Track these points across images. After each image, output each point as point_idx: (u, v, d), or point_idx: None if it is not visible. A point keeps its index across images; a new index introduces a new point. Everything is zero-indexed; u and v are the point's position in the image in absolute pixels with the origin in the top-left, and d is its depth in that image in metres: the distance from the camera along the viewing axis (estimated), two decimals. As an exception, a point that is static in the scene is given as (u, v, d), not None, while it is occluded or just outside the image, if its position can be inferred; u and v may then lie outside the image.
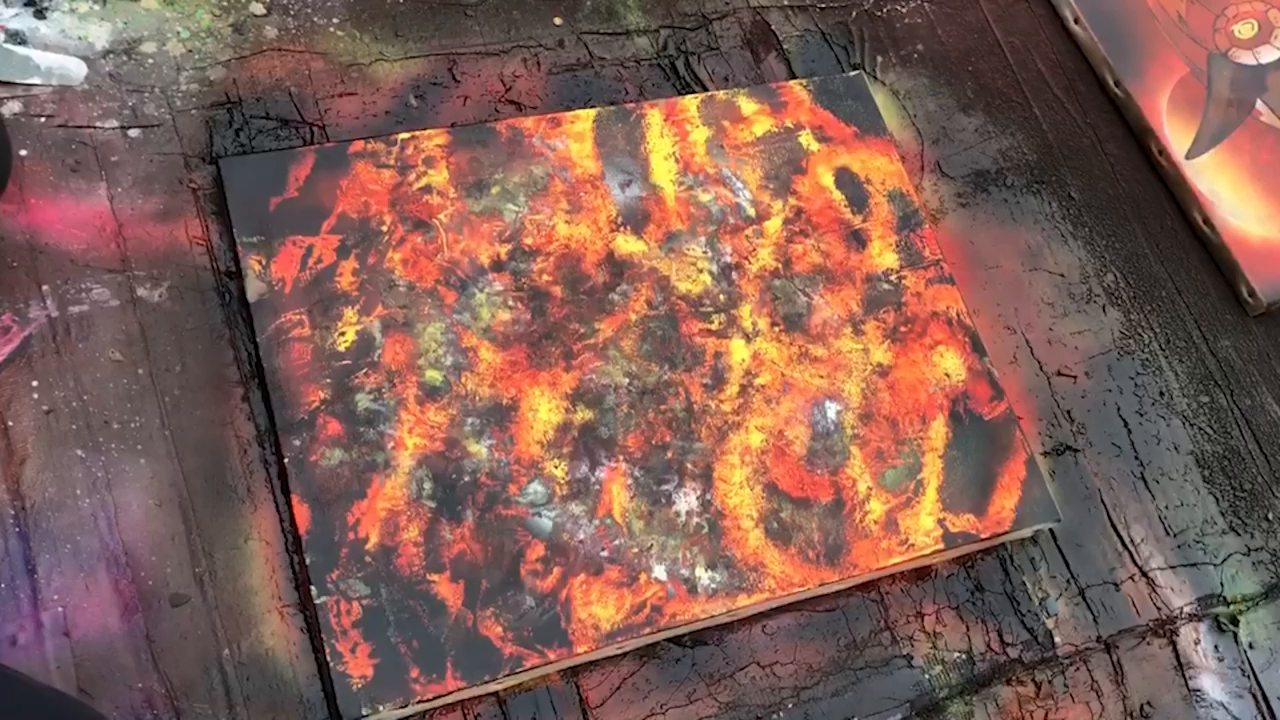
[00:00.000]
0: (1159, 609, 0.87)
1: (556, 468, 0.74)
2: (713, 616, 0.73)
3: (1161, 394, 0.95)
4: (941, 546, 0.79)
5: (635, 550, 0.73)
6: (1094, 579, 0.86)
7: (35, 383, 0.70)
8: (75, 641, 0.65)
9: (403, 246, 0.78)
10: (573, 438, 0.75)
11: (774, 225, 0.87)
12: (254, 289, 0.74)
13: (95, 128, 0.78)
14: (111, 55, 0.80)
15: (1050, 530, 0.86)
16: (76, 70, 0.78)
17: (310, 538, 0.69)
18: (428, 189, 0.79)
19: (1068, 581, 0.85)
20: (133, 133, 0.78)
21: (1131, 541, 0.88)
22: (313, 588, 0.68)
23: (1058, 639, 0.83)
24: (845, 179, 0.91)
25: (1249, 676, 0.87)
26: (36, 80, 0.77)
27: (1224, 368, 0.98)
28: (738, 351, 0.81)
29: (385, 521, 0.70)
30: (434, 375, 0.75)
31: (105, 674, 0.65)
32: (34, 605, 0.65)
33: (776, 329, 0.83)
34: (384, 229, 0.78)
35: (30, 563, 0.66)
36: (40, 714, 0.56)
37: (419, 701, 0.67)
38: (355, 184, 0.78)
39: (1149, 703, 0.84)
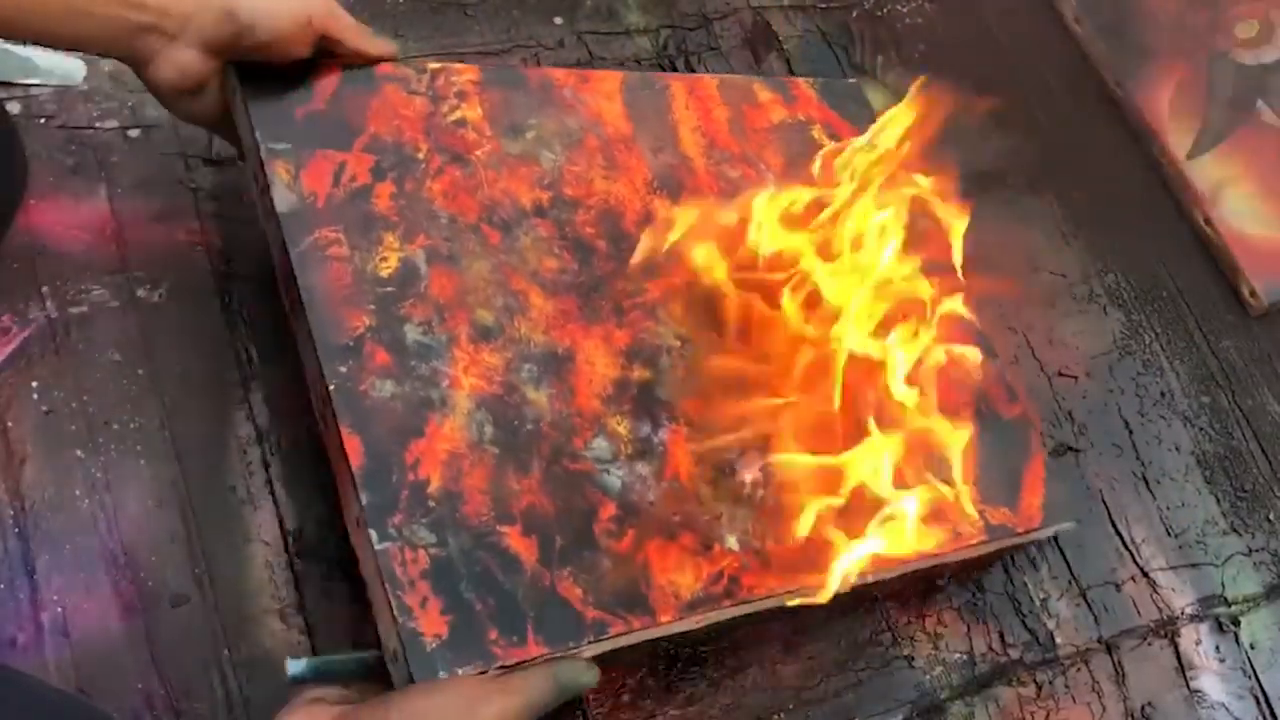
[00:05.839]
0: (1160, 609, 0.87)
1: (619, 425, 0.70)
2: (789, 592, 0.69)
3: (1163, 394, 0.95)
4: (985, 538, 0.77)
5: (706, 518, 0.70)
6: (1095, 580, 0.86)
7: (35, 384, 0.70)
8: (74, 642, 0.65)
9: (441, 177, 0.74)
10: (631, 396, 0.72)
11: None
12: (284, 198, 0.68)
13: (95, 128, 0.78)
14: (111, 56, 0.80)
15: (1051, 530, 0.86)
16: (76, 70, 0.78)
17: (366, 474, 0.62)
18: (462, 122, 0.76)
19: (1069, 582, 0.85)
20: (132, 133, 0.78)
21: (1133, 542, 0.88)
22: (371, 532, 0.61)
23: (1059, 640, 0.83)
24: None
25: (1250, 677, 0.87)
26: (36, 81, 0.77)
27: (1225, 368, 0.98)
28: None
29: (447, 464, 0.65)
30: (485, 315, 0.70)
31: (105, 675, 0.65)
32: (33, 606, 0.65)
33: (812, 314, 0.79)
34: (420, 157, 0.74)
35: (30, 563, 0.66)
36: (47, 714, 0.56)
37: (500, 666, 0.60)
38: (386, 106, 0.74)
39: (1150, 703, 0.83)
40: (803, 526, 0.71)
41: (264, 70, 0.70)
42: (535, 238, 0.74)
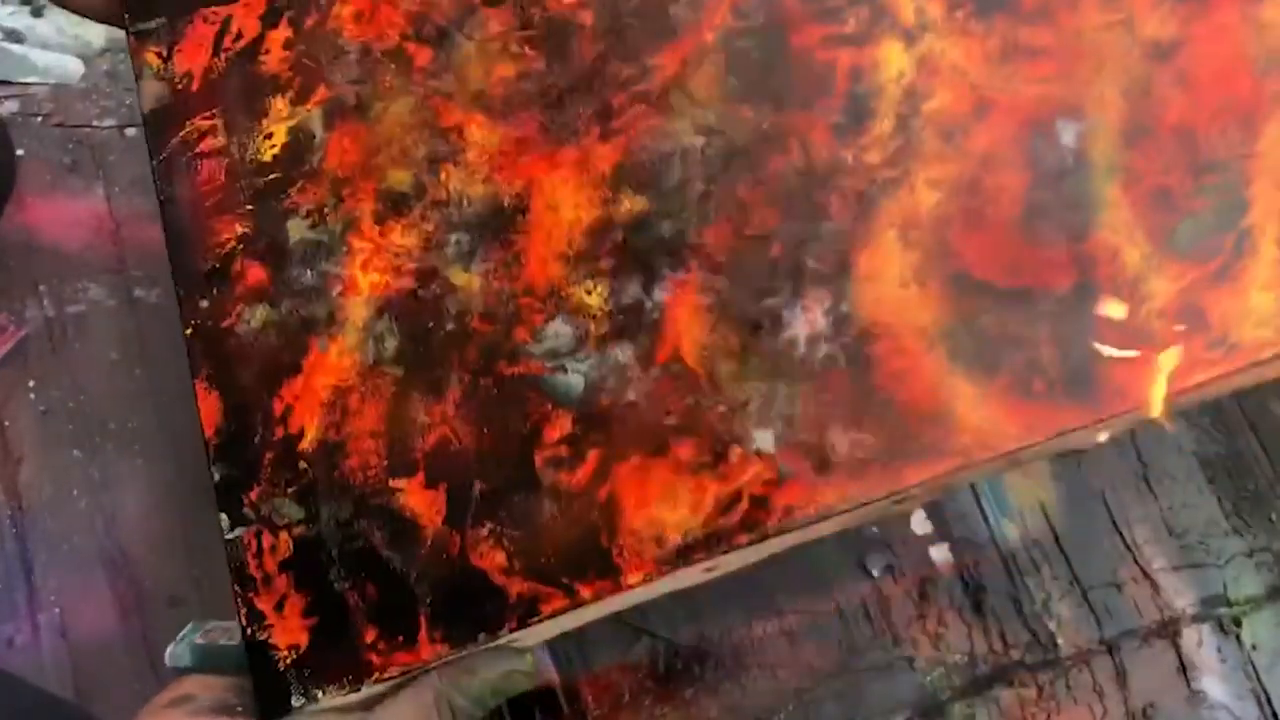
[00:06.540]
0: (1161, 610, 0.86)
1: (590, 293, 0.50)
2: (858, 506, 0.46)
3: (1164, 394, 0.94)
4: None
5: (722, 410, 0.47)
6: (1096, 580, 0.86)
7: (32, 383, 0.70)
8: (72, 643, 0.65)
9: None
10: (616, 243, 0.50)
11: None
12: (150, 93, 0.55)
13: (92, 126, 0.77)
14: (109, 53, 0.80)
15: (1053, 531, 0.85)
16: (74, 68, 0.78)
17: (222, 442, 0.50)
18: None
19: (1070, 583, 0.85)
20: (130, 131, 0.78)
21: (1134, 543, 0.88)
22: (222, 517, 0.50)
23: (1060, 641, 0.83)
24: None
25: (1252, 678, 0.87)
26: (33, 79, 0.77)
27: (1227, 368, 0.98)
28: (893, 61, 0.50)
29: (328, 405, 0.50)
30: (400, 177, 0.53)
31: (102, 675, 0.65)
32: (30, 606, 0.65)
33: (959, 14, 0.49)
34: None
35: (27, 563, 0.66)
36: (36, 716, 0.56)
37: (378, 679, 0.46)
38: None
39: (1151, 704, 0.83)
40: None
41: None
42: (483, 38, 0.54)
